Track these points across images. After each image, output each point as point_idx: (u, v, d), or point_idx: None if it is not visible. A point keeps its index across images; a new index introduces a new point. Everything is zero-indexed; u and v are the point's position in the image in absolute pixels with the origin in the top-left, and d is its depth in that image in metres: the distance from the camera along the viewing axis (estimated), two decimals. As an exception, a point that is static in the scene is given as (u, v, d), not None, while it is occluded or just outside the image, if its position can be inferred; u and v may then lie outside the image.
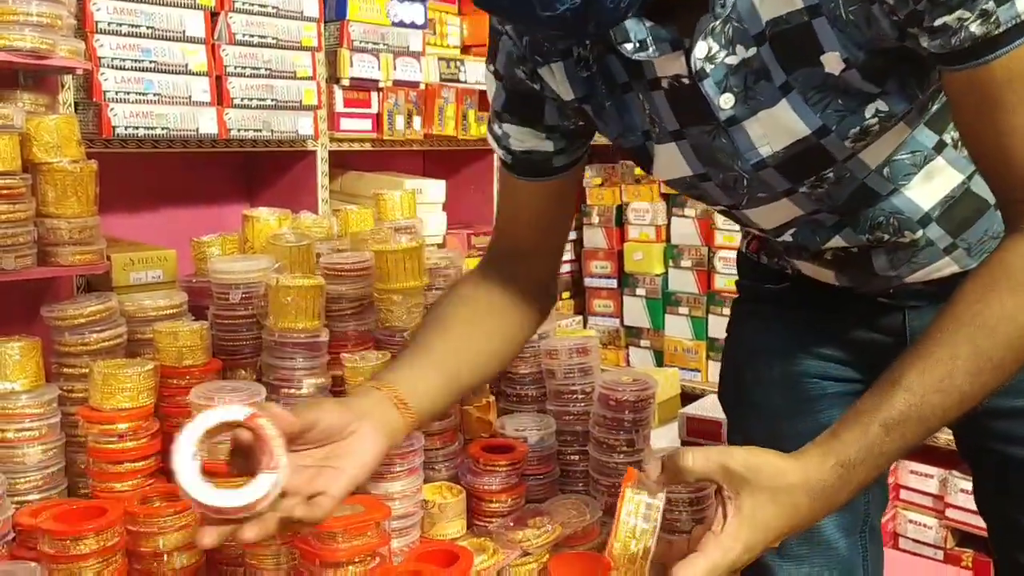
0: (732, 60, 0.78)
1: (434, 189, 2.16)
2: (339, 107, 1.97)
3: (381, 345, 1.49)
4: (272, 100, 1.81)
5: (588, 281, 2.97)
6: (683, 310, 2.74)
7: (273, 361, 1.37)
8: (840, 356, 1.08)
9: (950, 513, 2.36)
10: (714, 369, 2.69)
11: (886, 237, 0.91)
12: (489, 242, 1.14)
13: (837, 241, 0.93)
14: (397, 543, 1.23)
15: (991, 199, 0.90)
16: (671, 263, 2.75)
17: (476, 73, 2.23)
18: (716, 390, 2.12)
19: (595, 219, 2.92)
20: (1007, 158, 0.73)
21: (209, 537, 0.74)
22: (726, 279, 2.62)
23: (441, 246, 2.22)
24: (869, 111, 0.79)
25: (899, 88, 0.79)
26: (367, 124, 2.02)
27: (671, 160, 0.90)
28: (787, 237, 0.96)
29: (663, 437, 2.16)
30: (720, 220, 2.60)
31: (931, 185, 0.89)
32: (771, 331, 1.12)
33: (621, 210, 2.86)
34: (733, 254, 2.59)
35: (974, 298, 0.73)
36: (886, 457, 0.73)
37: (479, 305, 1.03)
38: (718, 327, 2.66)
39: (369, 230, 1.69)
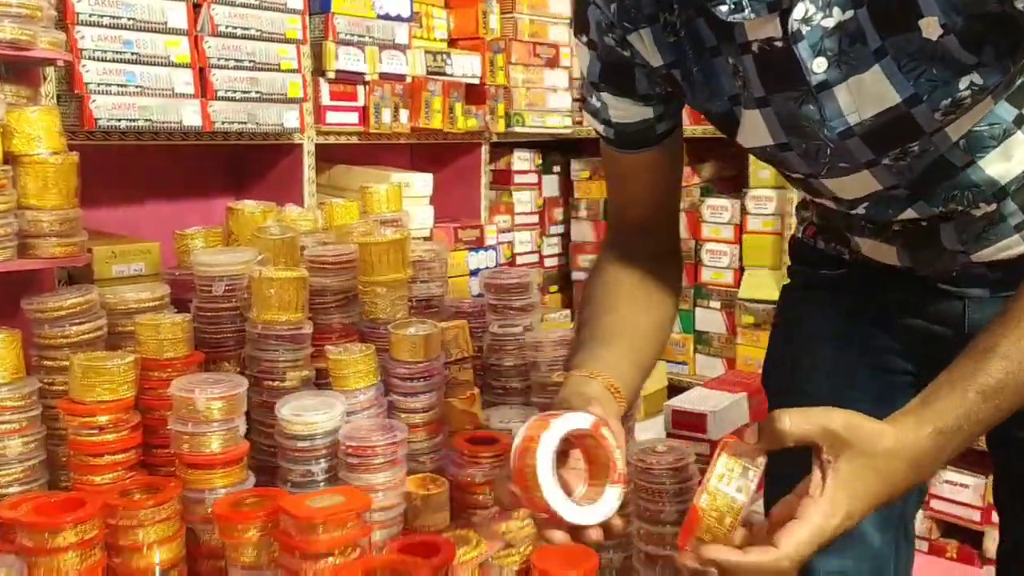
0: (828, 23, 0.77)
1: (421, 183, 2.16)
2: (325, 100, 1.96)
3: (366, 337, 1.49)
4: (257, 92, 1.80)
5: (576, 275, 2.97)
6: (669, 303, 2.74)
7: (256, 353, 1.37)
8: (895, 347, 1.06)
9: (935, 504, 2.36)
10: (701, 362, 2.69)
11: (959, 209, 0.90)
12: (609, 227, 1.14)
13: (909, 213, 0.91)
14: (379, 534, 1.23)
15: None
16: (658, 256, 2.76)
17: (462, 66, 2.23)
18: (702, 383, 2.13)
19: (583, 212, 2.92)
20: None
21: (561, 535, 0.80)
22: (712, 272, 2.62)
23: (428, 239, 2.21)
24: (963, 83, 0.78)
25: (995, 59, 0.77)
26: (353, 117, 2.01)
27: (755, 127, 0.89)
28: (860, 210, 0.94)
29: (649, 429, 2.16)
30: (707, 213, 2.61)
31: (1009, 160, 0.87)
32: (826, 317, 1.11)
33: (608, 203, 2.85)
34: (720, 247, 2.61)
35: None
36: (981, 425, 0.72)
37: (631, 284, 1.03)
38: (705, 320, 2.67)
39: (354, 223, 1.69)
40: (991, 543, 2.18)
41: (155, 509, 1.08)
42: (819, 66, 0.80)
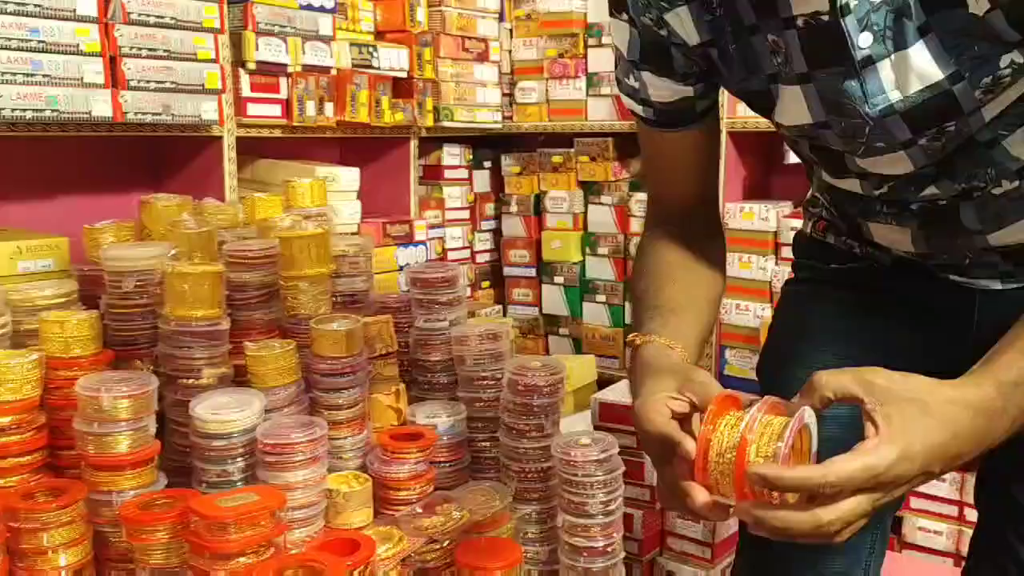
0: None
1: (347, 177, 2.13)
2: (245, 92, 1.91)
3: (288, 333, 1.46)
4: (172, 83, 1.75)
5: (507, 270, 2.97)
6: (601, 298, 2.75)
7: (170, 351, 1.33)
8: (900, 343, 1.04)
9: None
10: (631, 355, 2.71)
11: (981, 187, 0.89)
12: (651, 209, 1.12)
13: (931, 191, 0.91)
14: (299, 533, 1.21)
15: None
16: (588, 251, 2.77)
17: (389, 59, 2.20)
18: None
19: (513, 208, 2.92)
20: None
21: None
22: (642, 266, 2.64)
23: (356, 234, 2.18)
24: (1004, 60, 0.78)
25: None
26: (276, 109, 1.97)
27: (795, 104, 0.89)
28: (884, 188, 0.94)
29: (579, 423, 2.16)
30: (636, 207, 2.63)
31: None
32: (834, 313, 1.10)
33: (539, 199, 2.86)
34: (649, 242, 2.63)
35: None
36: None
37: (685, 259, 1.02)
38: (635, 314, 2.69)
39: (276, 217, 1.65)
40: (910, 529, 2.21)
41: (59, 512, 1.04)
42: (865, 41, 0.80)
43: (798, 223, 2.23)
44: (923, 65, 0.79)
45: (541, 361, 1.54)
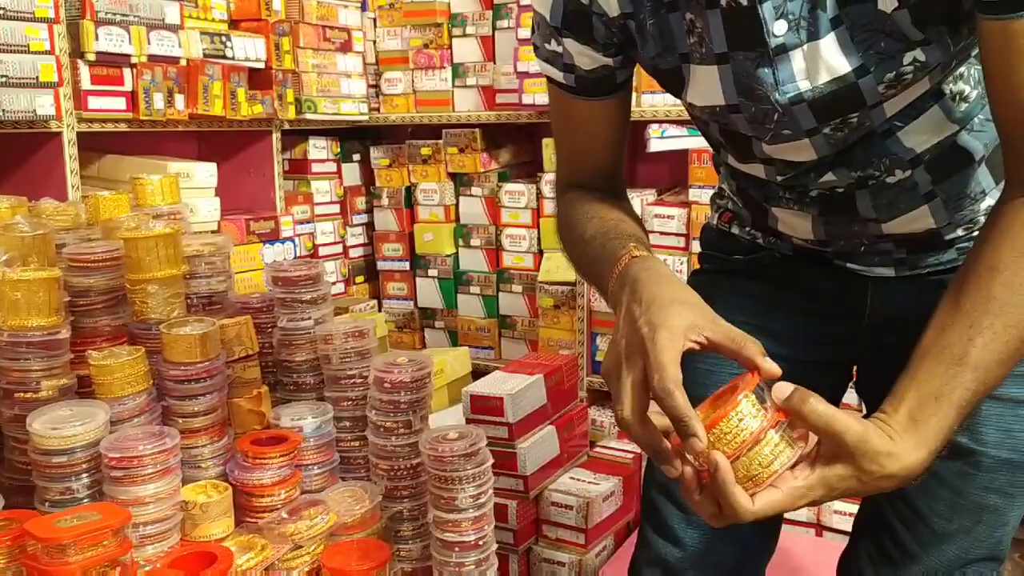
0: None
1: (203, 173, 2.04)
2: (85, 84, 1.80)
3: (137, 339, 1.39)
4: (2, 76, 1.63)
5: (381, 264, 2.93)
6: (475, 289, 2.75)
7: (4, 363, 1.24)
8: (797, 331, 1.06)
9: None
10: (507, 346, 2.72)
11: (876, 174, 0.92)
12: (561, 177, 1.13)
13: (828, 177, 0.93)
14: (152, 549, 1.15)
15: (976, 155, 0.93)
16: (461, 243, 2.76)
17: (244, 49, 2.12)
18: (504, 367, 2.14)
19: (385, 201, 2.87)
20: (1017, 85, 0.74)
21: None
22: (513, 256, 2.65)
23: (216, 233, 2.10)
24: (907, 58, 0.81)
25: (938, 38, 0.80)
26: (120, 103, 1.86)
27: (708, 85, 0.89)
28: (788, 174, 0.96)
29: (453, 415, 2.16)
30: (506, 198, 2.63)
31: (924, 132, 0.91)
32: (737, 302, 1.09)
33: (410, 191, 2.83)
34: (519, 231, 2.64)
35: (1017, 264, 0.75)
36: (952, 434, 0.76)
37: (613, 206, 1.04)
38: (508, 304, 2.70)
39: (122, 217, 1.56)
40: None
41: None
42: (780, 28, 0.82)
43: (662, 210, 2.30)
44: (832, 57, 0.82)
45: (407, 356, 1.52)
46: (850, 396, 1.24)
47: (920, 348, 0.77)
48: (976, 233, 0.97)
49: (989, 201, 0.98)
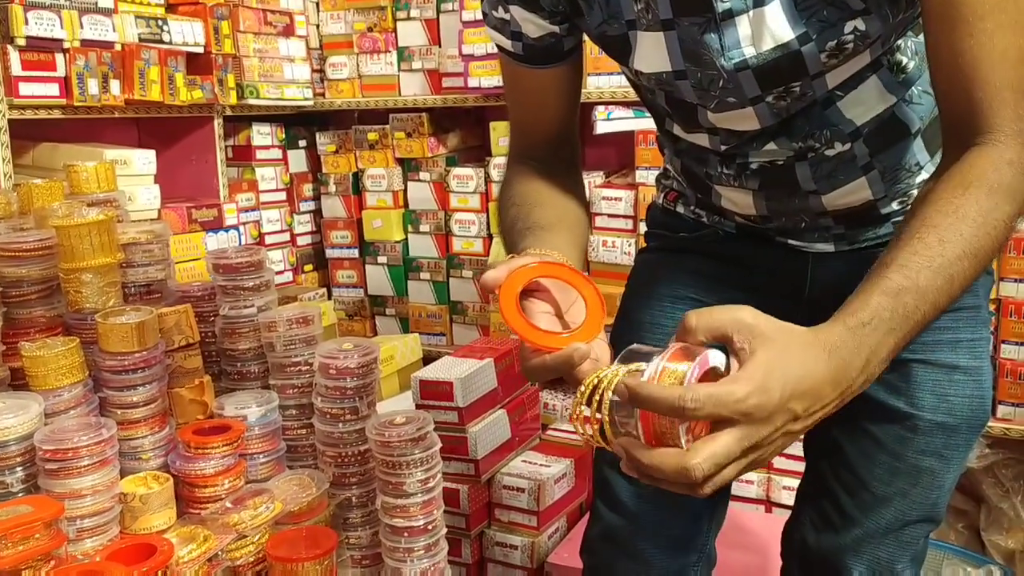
0: None
1: (141, 160, 1.99)
2: (16, 70, 1.75)
3: (72, 330, 1.36)
4: (-75, 61, 1.58)
5: (329, 252, 2.90)
6: (425, 275, 2.74)
7: (-68, 358, 1.21)
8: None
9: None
10: (458, 332, 2.71)
11: (817, 146, 0.94)
12: (514, 145, 1.13)
13: (770, 147, 0.95)
14: (91, 542, 1.13)
15: (912, 128, 0.94)
16: (410, 229, 2.74)
17: (182, 33, 2.08)
18: (453, 352, 2.14)
19: (332, 188, 2.84)
20: (972, 70, 0.74)
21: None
22: (463, 241, 2.64)
23: (155, 221, 2.05)
24: (848, 27, 0.83)
25: (878, 8, 0.82)
26: (53, 89, 1.81)
27: (654, 51, 0.90)
28: (731, 143, 0.97)
29: (404, 402, 2.15)
30: (454, 183, 2.62)
31: (863, 103, 0.92)
32: (679, 279, 1.12)
33: (357, 177, 2.80)
34: (468, 216, 2.63)
35: (951, 195, 0.74)
36: (893, 324, 0.70)
37: (552, 185, 1.04)
38: (459, 290, 2.69)
39: (55, 205, 1.52)
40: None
41: None
42: None
43: (610, 192, 2.31)
44: (777, 23, 0.84)
45: (353, 342, 1.50)
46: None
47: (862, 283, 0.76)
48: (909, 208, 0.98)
49: (924, 175, 1.00)
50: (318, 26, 2.74)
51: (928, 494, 1.04)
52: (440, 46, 2.56)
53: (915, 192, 1.00)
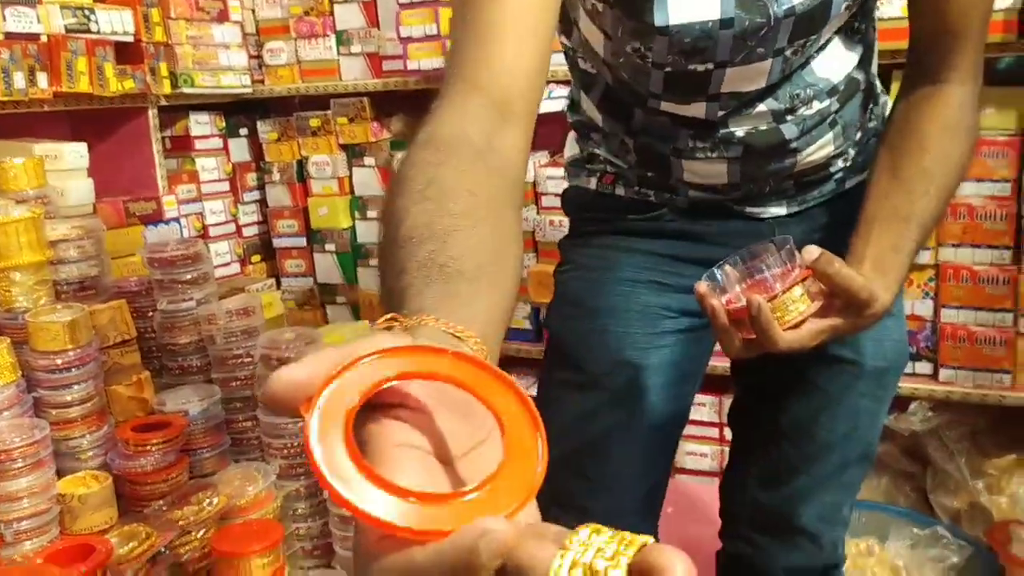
0: None
1: (73, 154, 1.94)
2: (-64, 64, 1.69)
3: (3, 330, 1.32)
4: None
5: (277, 241, 2.85)
6: (374, 262, 2.71)
7: None
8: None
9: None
10: (410, 317, 2.69)
11: (799, 106, 0.97)
12: (453, 90, 0.72)
13: (760, 108, 0.97)
14: (30, 544, 1.11)
15: (862, 86, 1.02)
16: (357, 215, 2.71)
17: (111, 22, 2.02)
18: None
19: (276, 176, 2.79)
20: (950, 23, 0.91)
21: None
22: (410, 226, 2.61)
23: (87, 216, 2.00)
24: None
25: None
26: (-24, 83, 1.76)
27: None
28: (729, 108, 0.97)
29: (354, 391, 2.13)
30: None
31: (833, 62, 0.97)
32: (636, 263, 1.08)
33: (302, 165, 2.75)
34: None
35: (932, 144, 0.92)
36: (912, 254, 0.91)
37: (485, 180, 0.64)
38: (408, 275, 2.66)
39: (-19, 203, 1.48)
40: (679, 455, 2.31)
41: None
42: None
43: (555, 171, 2.30)
44: None
45: (294, 332, 1.49)
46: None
47: (866, 215, 0.92)
48: (849, 164, 1.06)
49: (859, 135, 1.05)
50: (253, 11, 2.68)
51: (866, 434, 1.11)
52: (379, 28, 2.52)
53: (851, 152, 1.05)
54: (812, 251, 0.85)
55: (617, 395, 1.04)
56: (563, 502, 1.10)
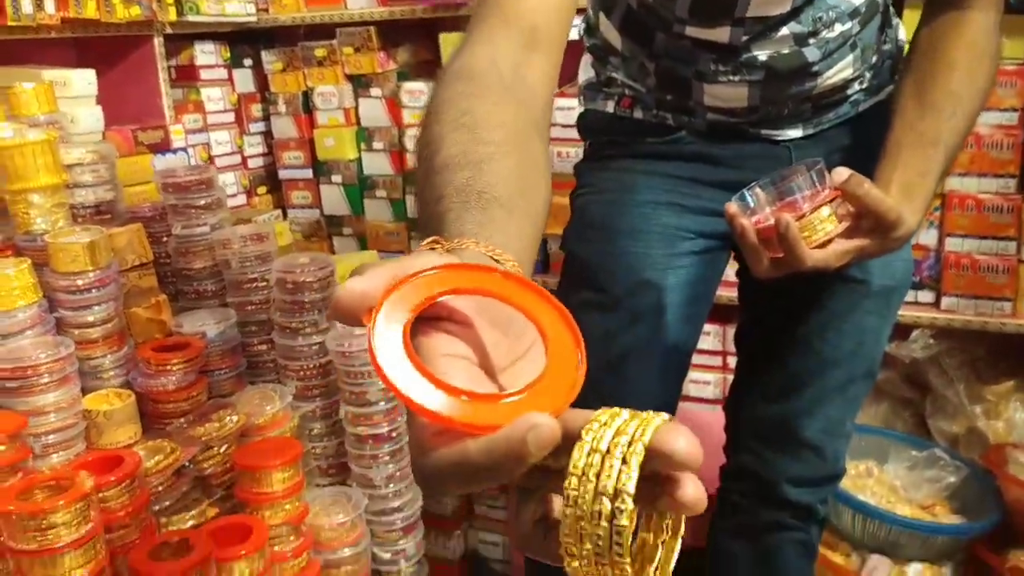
0: None
1: (82, 81, 1.94)
2: (-58, -11, 1.68)
3: (22, 252, 1.34)
4: None
5: (283, 173, 2.86)
6: (381, 193, 2.72)
7: None
8: (719, 209, 1.02)
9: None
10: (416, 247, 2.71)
11: (821, 29, 0.98)
12: (484, 17, 0.75)
13: (783, 32, 0.97)
14: (57, 457, 1.15)
15: (880, 5, 1.03)
16: (364, 147, 2.70)
17: (115, -53, 2.00)
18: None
19: (282, 107, 2.78)
20: None
21: None
22: (417, 157, 2.61)
23: (101, 143, 2.00)
24: None
25: None
26: (-16, 8, 1.74)
27: None
28: (753, 32, 0.97)
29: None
30: (406, 99, 2.58)
31: None
32: (655, 185, 1.10)
33: (307, 95, 2.74)
34: (423, 132, 2.59)
35: (960, 65, 0.93)
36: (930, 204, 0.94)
37: (518, 114, 0.67)
38: (415, 206, 2.68)
39: (-5, 127, 1.48)
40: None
41: None
42: None
43: (563, 102, 2.29)
44: None
45: (308, 257, 1.51)
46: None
47: (893, 139, 0.93)
48: (865, 87, 1.07)
49: (875, 58, 1.06)
50: (258, -62, 2.64)
51: (871, 351, 1.14)
52: (385, -44, 2.49)
53: (867, 75, 1.06)
54: (842, 172, 0.86)
55: (637, 315, 1.07)
56: None
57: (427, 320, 0.43)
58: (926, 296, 1.97)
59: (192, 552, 1.05)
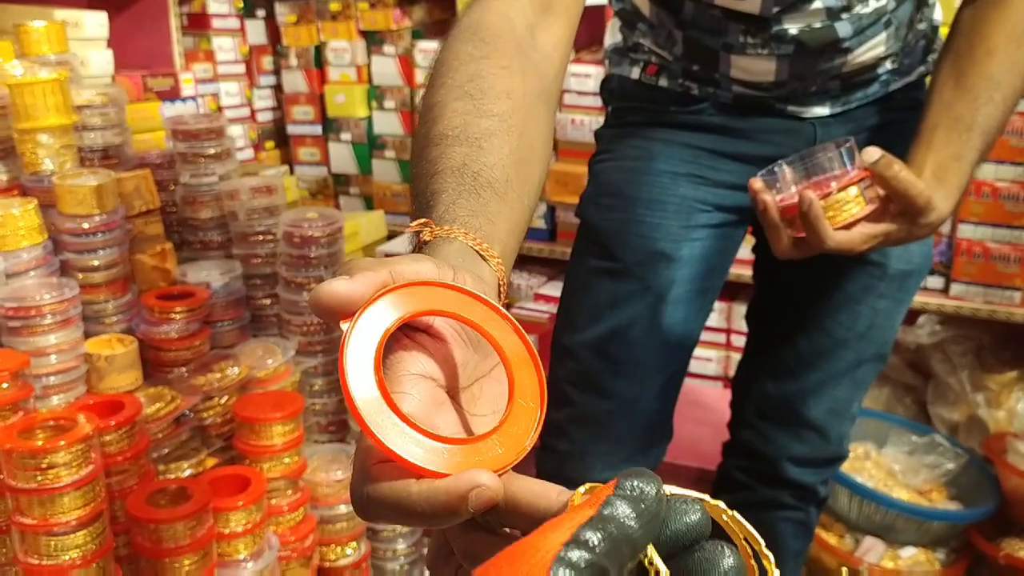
0: None
1: (94, 23, 1.91)
2: (-46, -80, 1.65)
3: (29, 192, 1.33)
4: None
5: (291, 128, 2.83)
6: (390, 154, 2.69)
7: None
8: (738, 183, 1.04)
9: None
10: (423, 211, 2.69)
11: (855, 5, 0.95)
12: None
13: (817, 5, 0.95)
14: (58, 399, 1.14)
15: None
16: (375, 105, 2.68)
17: None
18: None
19: (293, 61, 2.75)
20: None
21: None
22: (428, 118, 2.58)
23: (111, 86, 1.98)
24: None
25: None
26: (-5, -58, 1.72)
27: None
28: (784, 5, 0.95)
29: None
30: (420, 58, 2.55)
31: None
32: (675, 155, 1.08)
33: (319, 50, 2.71)
34: (435, 93, 2.56)
35: (999, 50, 0.90)
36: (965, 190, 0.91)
37: (528, 83, 0.67)
38: (424, 168, 2.65)
39: (7, 64, 1.46)
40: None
41: None
42: None
43: (579, 68, 2.27)
44: None
45: (317, 212, 1.49)
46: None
47: (928, 123, 0.91)
48: (896, 66, 1.04)
49: (909, 36, 1.04)
50: None
51: (883, 334, 1.12)
52: (405, -89, 2.45)
53: (899, 54, 1.04)
54: (873, 152, 0.84)
55: (647, 284, 1.06)
56: (588, 383, 1.13)
57: (405, 330, 0.44)
58: (935, 282, 1.96)
59: (189, 500, 1.05)
